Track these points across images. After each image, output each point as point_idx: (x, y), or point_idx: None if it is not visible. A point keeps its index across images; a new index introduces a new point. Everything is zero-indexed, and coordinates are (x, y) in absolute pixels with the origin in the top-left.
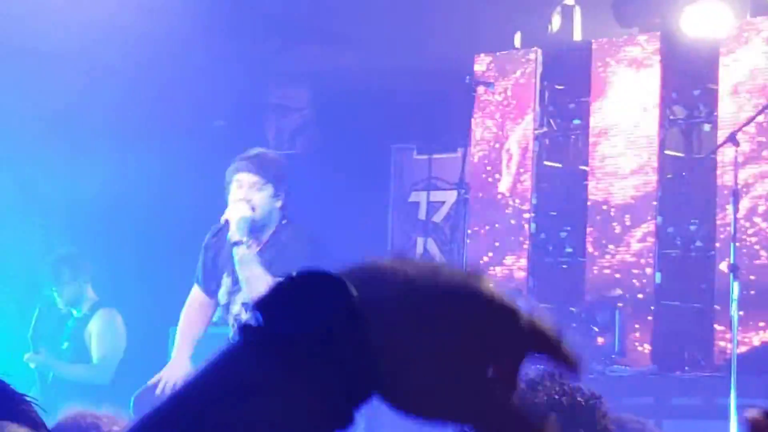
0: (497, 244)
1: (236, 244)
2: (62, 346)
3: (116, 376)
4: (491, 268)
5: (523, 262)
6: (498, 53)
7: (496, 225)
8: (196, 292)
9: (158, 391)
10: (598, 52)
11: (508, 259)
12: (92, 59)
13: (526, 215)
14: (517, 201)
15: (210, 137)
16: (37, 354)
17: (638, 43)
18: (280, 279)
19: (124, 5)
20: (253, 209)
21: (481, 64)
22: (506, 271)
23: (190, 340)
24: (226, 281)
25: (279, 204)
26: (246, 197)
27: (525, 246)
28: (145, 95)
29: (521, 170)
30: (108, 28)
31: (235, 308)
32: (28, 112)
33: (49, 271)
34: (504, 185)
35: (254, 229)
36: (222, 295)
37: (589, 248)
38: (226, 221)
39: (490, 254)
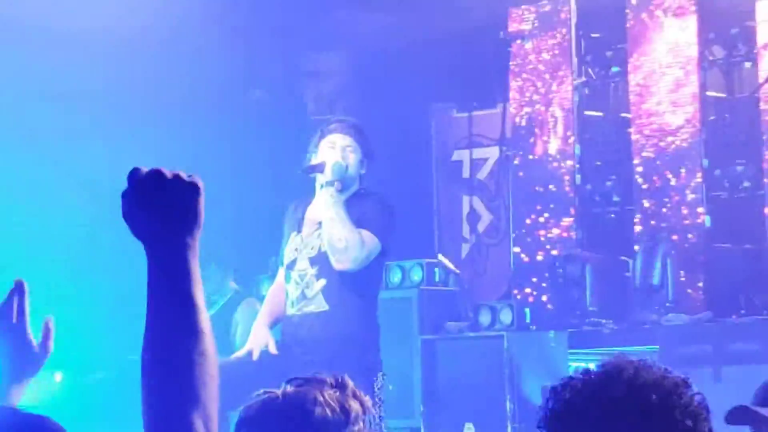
0: (544, 196)
1: (329, 183)
2: None
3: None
4: (539, 220)
5: (571, 213)
6: (531, 6)
7: (542, 180)
8: (281, 271)
9: (254, 357)
10: None
11: (556, 211)
12: (125, 35)
13: (570, 166)
14: (561, 155)
15: (249, 108)
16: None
17: None
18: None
19: None
20: (347, 167)
21: (515, 18)
22: (554, 224)
23: (270, 312)
24: (294, 239)
25: (362, 171)
26: (342, 156)
27: (571, 197)
28: (178, 69)
29: (566, 126)
30: (140, 6)
31: (302, 263)
32: (62, 92)
33: None
34: (553, 147)
35: (342, 185)
36: (289, 252)
37: (637, 196)
38: (320, 164)
39: (538, 207)
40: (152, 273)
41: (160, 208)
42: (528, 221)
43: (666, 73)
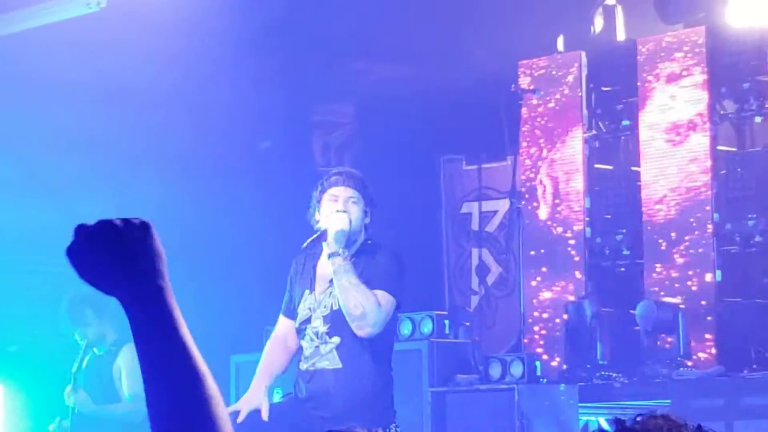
0: (553, 249)
1: (334, 254)
2: (93, 383)
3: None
4: (549, 273)
5: (580, 267)
6: (542, 58)
7: (551, 233)
8: (281, 321)
9: (239, 419)
10: (642, 51)
11: (565, 264)
12: (133, 86)
13: (580, 219)
14: (571, 208)
15: (257, 159)
16: (76, 393)
17: (683, 39)
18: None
19: (162, 29)
20: (350, 221)
21: (526, 71)
22: (564, 276)
23: (270, 372)
24: (307, 297)
25: (367, 221)
26: (344, 209)
27: (581, 251)
28: (187, 120)
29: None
30: (149, 54)
31: (316, 321)
32: (71, 142)
33: (70, 313)
34: (563, 200)
35: (347, 242)
36: (302, 310)
37: (646, 250)
38: (323, 232)
39: (560, 229)
40: (136, 328)
41: (118, 258)
42: (537, 276)
43: (676, 127)
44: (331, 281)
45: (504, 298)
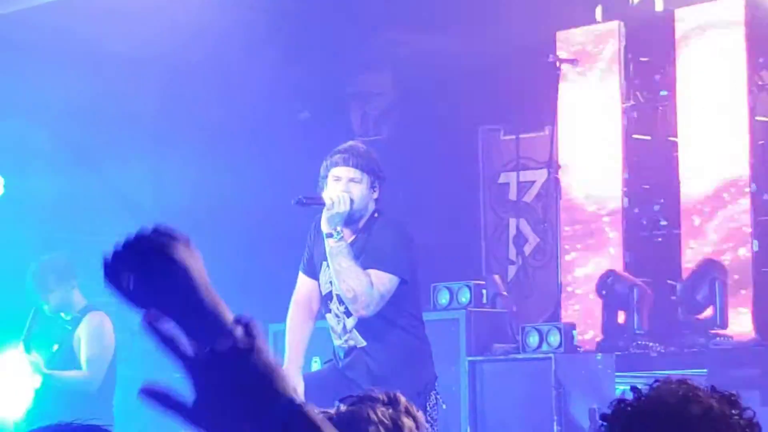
0: (595, 212)
1: (328, 235)
2: (52, 349)
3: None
4: (587, 244)
5: (615, 243)
6: (580, 29)
7: (589, 203)
8: (302, 280)
9: None
10: (681, 21)
11: (606, 227)
12: (172, 59)
13: (618, 189)
14: (610, 179)
15: (296, 130)
16: (29, 357)
17: (722, 9)
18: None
19: (203, 3)
20: (351, 202)
21: (564, 41)
22: (602, 247)
23: (299, 349)
24: (325, 270)
25: (375, 195)
26: (345, 190)
27: (619, 221)
28: (228, 93)
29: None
30: (186, 27)
31: (334, 300)
32: (111, 115)
33: (33, 279)
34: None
35: (350, 220)
36: (324, 283)
37: (684, 220)
38: (323, 203)
39: (594, 207)
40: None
41: (151, 284)
42: (573, 252)
43: (714, 97)
44: None
45: (541, 268)
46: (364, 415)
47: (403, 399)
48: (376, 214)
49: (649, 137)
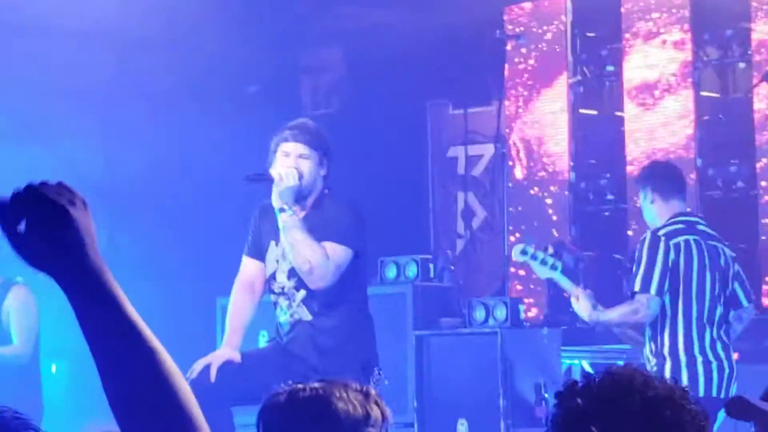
0: (537, 193)
1: (281, 210)
2: None
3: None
4: (537, 213)
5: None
6: (528, 3)
7: (536, 175)
8: (245, 262)
9: (211, 374)
10: None
11: (549, 209)
12: (120, 30)
13: (564, 164)
14: (555, 153)
15: (245, 103)
16: None
17: None
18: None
19: None
20: (300, 177)
21: (511, 16)
22: (548, 221)
23: (240, 325)
24: (273, 249)
25: (323, 173)
26: (294, 165)
27: (565, 194)
28: (177, 65)
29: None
30: (137, 0)
31: (281, 276)
32: (62, 88)
33: None
34: (547, 145)
35: (299, 196)
36: (270, 262)
37: (630, 195)
38: (270, 179)
39: (536, 189)
40: (78, 313)
41: (48, 235)
42: (516, 233)
43: (659, 73)
44: None
45: (489, 242)
46: (336, 392)
47: (373, 392)
48: (326, 191)
49: (595, 112)
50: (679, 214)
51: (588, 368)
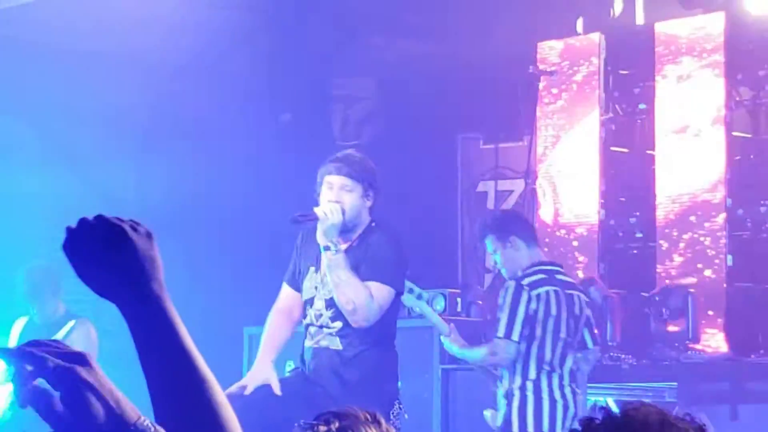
0: (564, 236)
1: (326, 248)
2: None
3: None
4: (562, 254)
5: (594, 248)
6: (561, 40)
7: (563, 217)
8: (285, 291)
9: (246, 393)
10: (661, 35)
11: (576, 251)
12: (154, 57)
13: (595, 201)
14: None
15: (277, 131)
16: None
17: (702, 24)
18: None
19: (184, 1)
20: (344, 212)
21: (545, 52)
22: (577, 257)
23: (274, 345)
24: (312, 276)
25: (369, 204)
26: (337, 199)
27: (591, 235)
28: (210, 92)
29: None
30: (169, 26)
31: (319, 303)
32: (94, 112)
33: (25, 284)
34: (578, 182)
35: (344, 230)
36: (307, 290)
37: (660, 233)
38: (315, 216)
39: (563, 232)
40: (136, 337)
41: (113, 262)
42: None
43: (692, 112)
44: None
45: None
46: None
47: (383, 420)
48: (373, 224)
49: (626, 150)
50: (539, 263)
51: (612, 405)
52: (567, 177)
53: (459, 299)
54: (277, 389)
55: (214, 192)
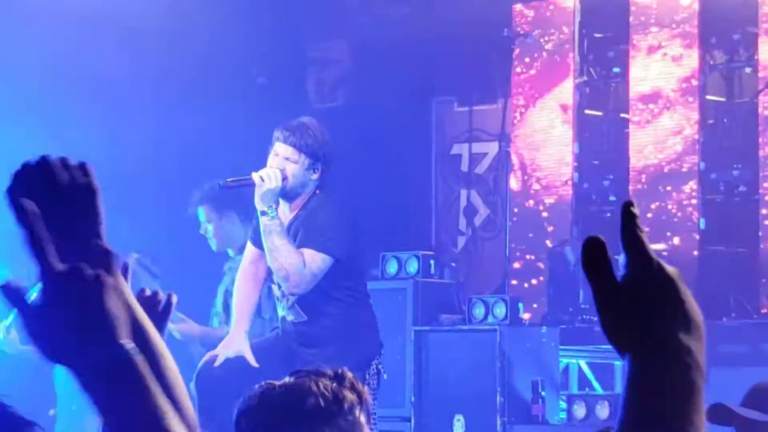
0: (533, 206)
1: (262, 213)
2: None
3: None
4: (536, 217)
5: (566, 214)
6: (536, 2)
7: (531, 188)
8: (249, 249)
9: (216, 364)
10: (633, 3)
11: (552, 209)
12: (130, 21)
13: (568, 164)
14: (560, 153)
15: (251, 94)
16: (8, 333)
17: None
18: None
19: None
20: (285, 178)
21: (520, 15)
22: (550, 221)
23: (246, 313)
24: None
25: (314, 176)
26: (279, 166)
27: (568, 195)
28: (185, 55)
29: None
30: None
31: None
32: (70, 75)
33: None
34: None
35: (285, 196)
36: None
37: (632, 196)
38: (249, 181)
39: (531, 202)
40: (97, 405)
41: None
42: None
43: (665, 75)
44: None
45: (491, 240)
46: (306, 387)
47: (349, 374)
48: (317, 191)
49: (600, 113)
50: None
51: (585, 367)
52: (533, 150)
53: (432, 261)
54: (251, 360)
55: (189, 154)
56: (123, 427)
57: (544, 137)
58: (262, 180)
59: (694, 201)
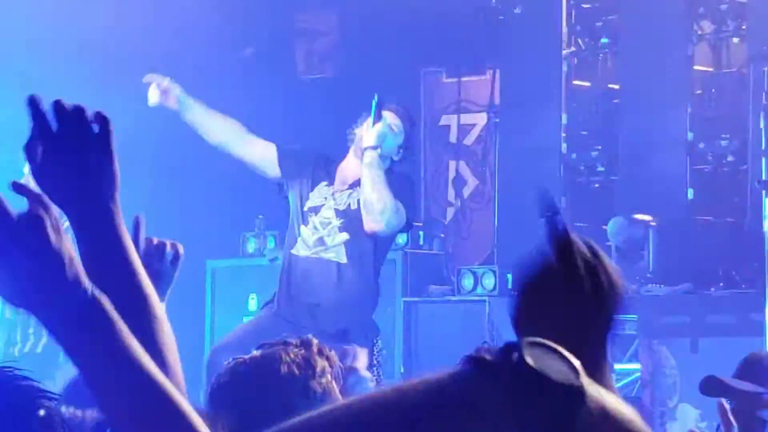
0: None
1: (372, 147)
2: None
3: None
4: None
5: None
6: None
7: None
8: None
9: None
10: None
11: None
12: None
13: (556, 135)
14: (548, 123)
15: (239, 65)
16: None
17: None
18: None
19: None
20: (400, 133)
21: None
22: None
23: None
24: (323, 188)
25: (397, 158)
26: (396, 129)
27: (556, 165)
28: (173, 26)
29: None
30: None
31: (327, 212)
32: (59, 45)
33: None
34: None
35: (382, 152)
36: (316, 198)
37: (621, 167)
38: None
39: (523, 174)
40: (82, 246)
41: (75, 165)
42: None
43: (654, 46)
44: (352, 184)
45: (479, 210)
46: (277, 356)
47: (315, 341)
48: (392, 169)
49: (588, 84)
50: None
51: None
52: (529, 110)
53: (421, 233)
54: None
55: (177, 125)
56: (95, 372)
57: (535, 106)
58: (391, 128)
59: (683, 173)
